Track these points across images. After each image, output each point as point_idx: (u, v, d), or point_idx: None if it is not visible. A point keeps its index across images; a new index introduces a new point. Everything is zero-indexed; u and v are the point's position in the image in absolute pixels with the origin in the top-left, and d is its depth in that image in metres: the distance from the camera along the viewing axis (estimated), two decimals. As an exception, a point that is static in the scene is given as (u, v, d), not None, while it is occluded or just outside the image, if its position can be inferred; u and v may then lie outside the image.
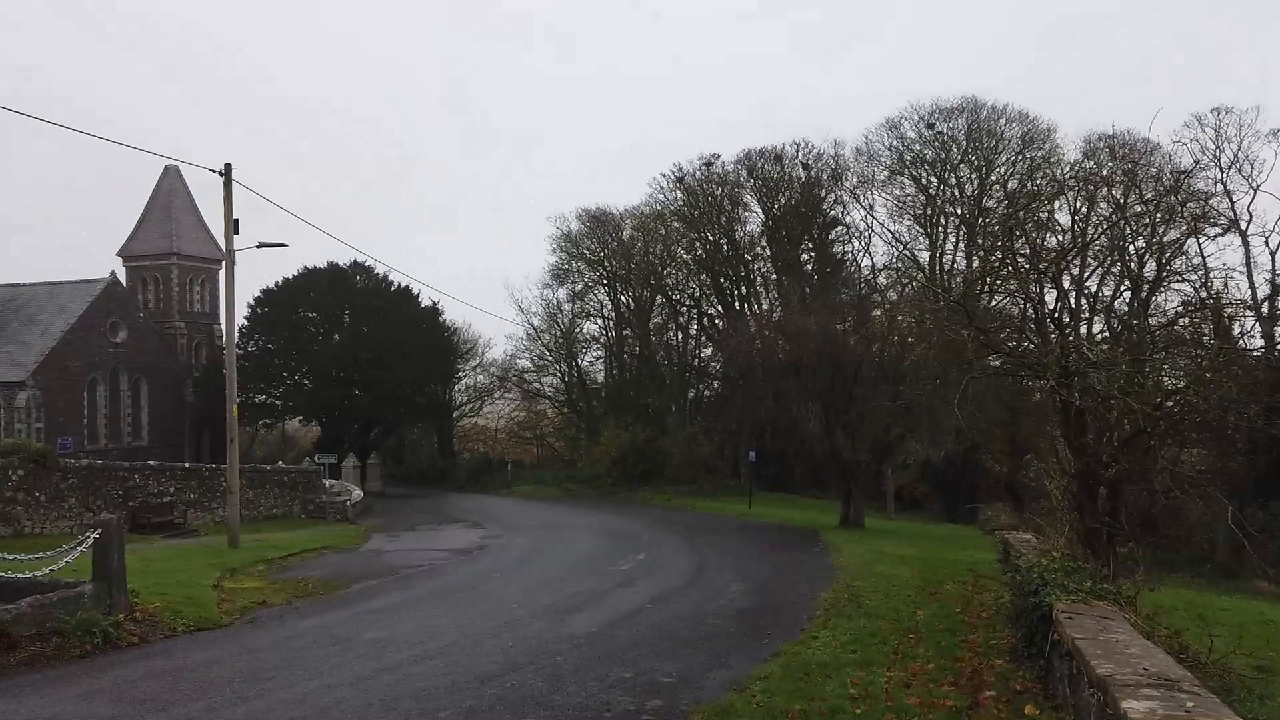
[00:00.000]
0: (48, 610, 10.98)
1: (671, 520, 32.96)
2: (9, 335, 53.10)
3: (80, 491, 28.47)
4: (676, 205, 54.73)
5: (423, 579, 18.35)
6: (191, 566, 18.37)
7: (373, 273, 59.02)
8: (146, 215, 62.63)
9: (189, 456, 55.90)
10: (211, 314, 64.02)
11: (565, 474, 55.45)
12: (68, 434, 49.57)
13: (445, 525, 33.11)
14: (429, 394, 61.06)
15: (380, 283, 59.09)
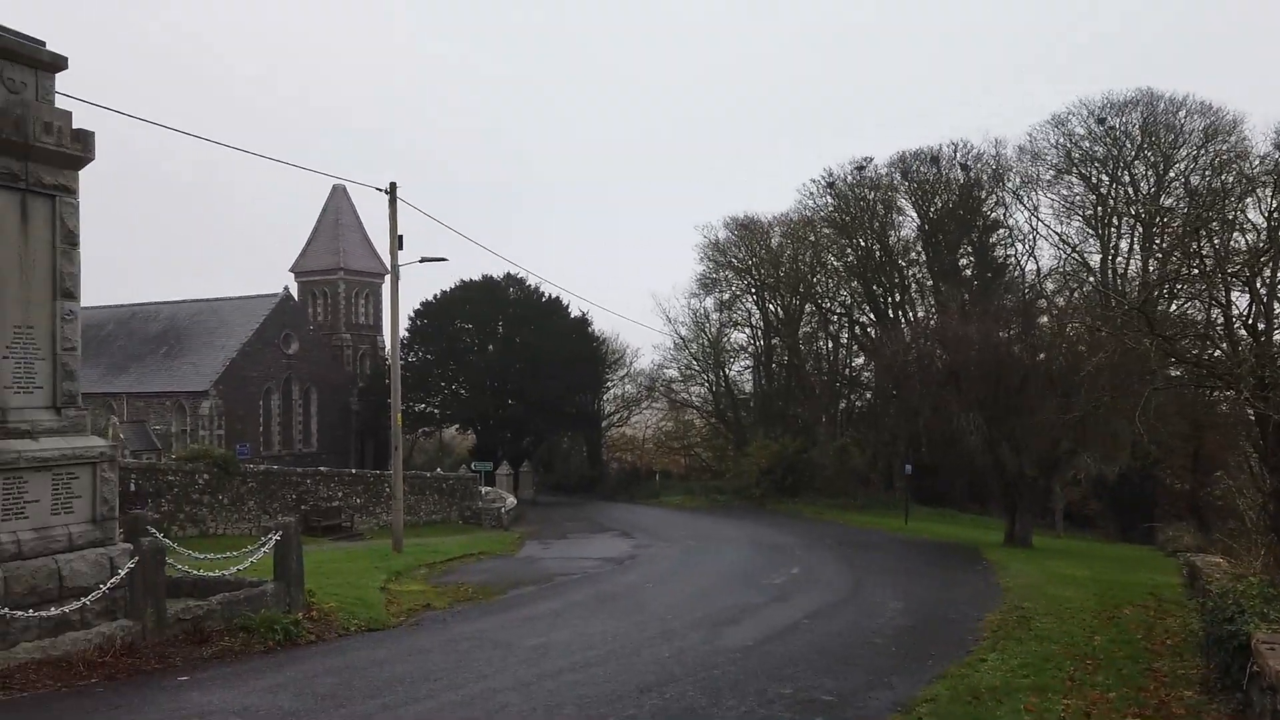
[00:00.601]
0: (235, 607, 11.79)
1: (823, 534, 32.46)
2: (194, 347, 57.33)
3: (258, 495, 30.43)
4: (827, 211, 53.97)
5: (577, 587, 18.71)
6: (359, 569, 19.33)
7: (524, 284, 60.78)
8: (316, 232, 66.49)
9: (354, 463, 58.84)
10: (375, 326, 67.32)
11: (713, 484, 55.43)
12: (245, 440, 53.08)
13: (596, 534, 33.63)
14: (578, 403, 62.32)
15: (532, 294, 60.76)
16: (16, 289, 10.47)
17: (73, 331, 11.12)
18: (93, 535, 11.02)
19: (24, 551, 10.21)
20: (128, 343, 59.37)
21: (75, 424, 11.08)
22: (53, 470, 10.60)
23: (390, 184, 25.36)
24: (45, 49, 10.89)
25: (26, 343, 10.59)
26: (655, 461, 66.96)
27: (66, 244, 11.00)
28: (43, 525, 10.49)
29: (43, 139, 10.57)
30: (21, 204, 10.55)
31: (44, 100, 10.85)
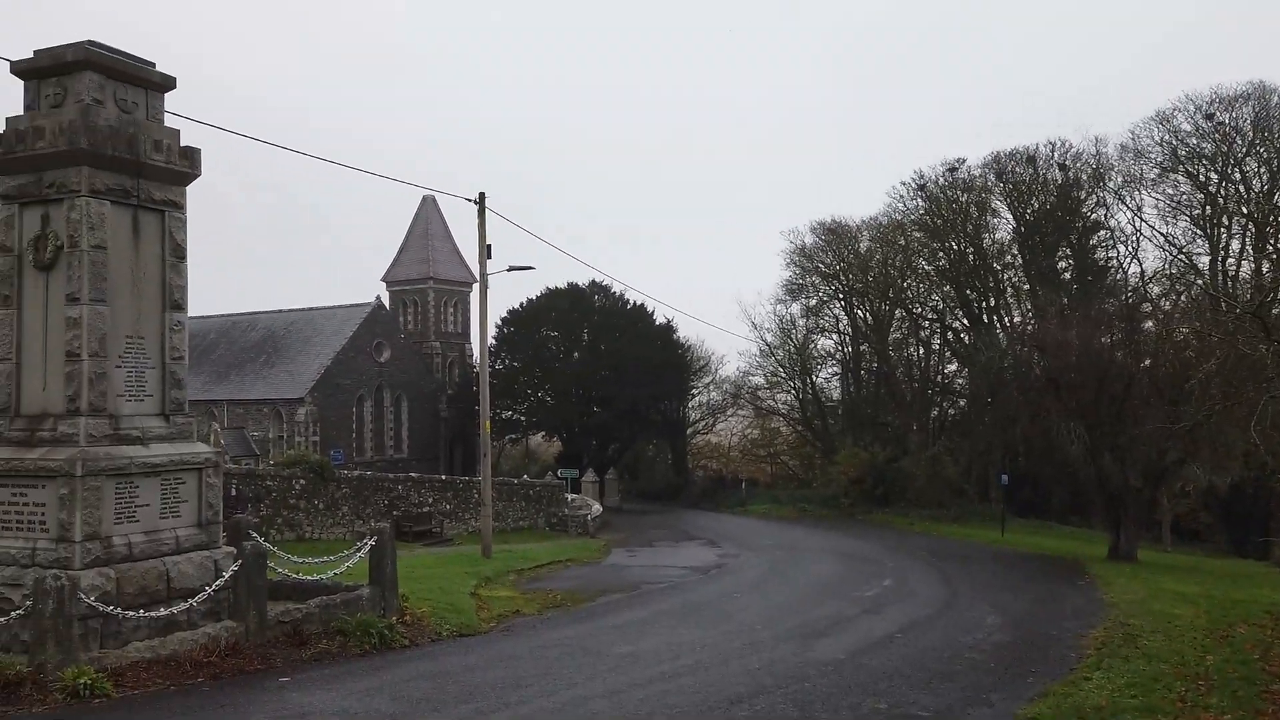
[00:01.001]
0: (332, 611, 12.13)
1: (915, 545, 31.84)
2: (290, 356, 59.20)
3: (352, 500, 31.25)
4: (917, 214, 52.99)
5: (664, 595, 18.73)
6: (450, 574, 19.68)
7: (610, 292, 61.15)
8: (406, 243, 68.06)
9: (443, 469, 59.96)
10: (463, 334, 68.56)
11: (800, 494, 54.84)
12: (339, 446, 54.57)
13: (682, 543, 33.59)
14: (663, 410, 62.36)
15: (617, 301, 61.09)
16: (128, 301, 10.98)
17: (180, 341, 11.60)
18: (198, 538, 11.47)
19: (135, 554, 10.68)
20: (228, 351, 61.64)
21: (182, 431, 11.56)
22: (161, 475, 11.07)
23: (479, 194, 25.83)
24: (155, 70, 11.41)
25: (137, 352, 11.09)
26: (741, 470, 66.59)
27: (175, 257, 11.50)
28: (152, 528, 10.96)
29: (153, 156, 11.07)
30: (133, 219, 11.06)
31: (154, 119, 11.37)
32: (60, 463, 10.19)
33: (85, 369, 10.46)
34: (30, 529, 10.36)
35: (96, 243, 10.54)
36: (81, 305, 10.45)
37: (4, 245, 10.87)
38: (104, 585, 10.10)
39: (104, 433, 10.56)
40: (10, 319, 10.83)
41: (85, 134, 10.35)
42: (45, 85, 10.84)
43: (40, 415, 10.68)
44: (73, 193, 10.49)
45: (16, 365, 10.83)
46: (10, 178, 10.83)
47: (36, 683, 9.02)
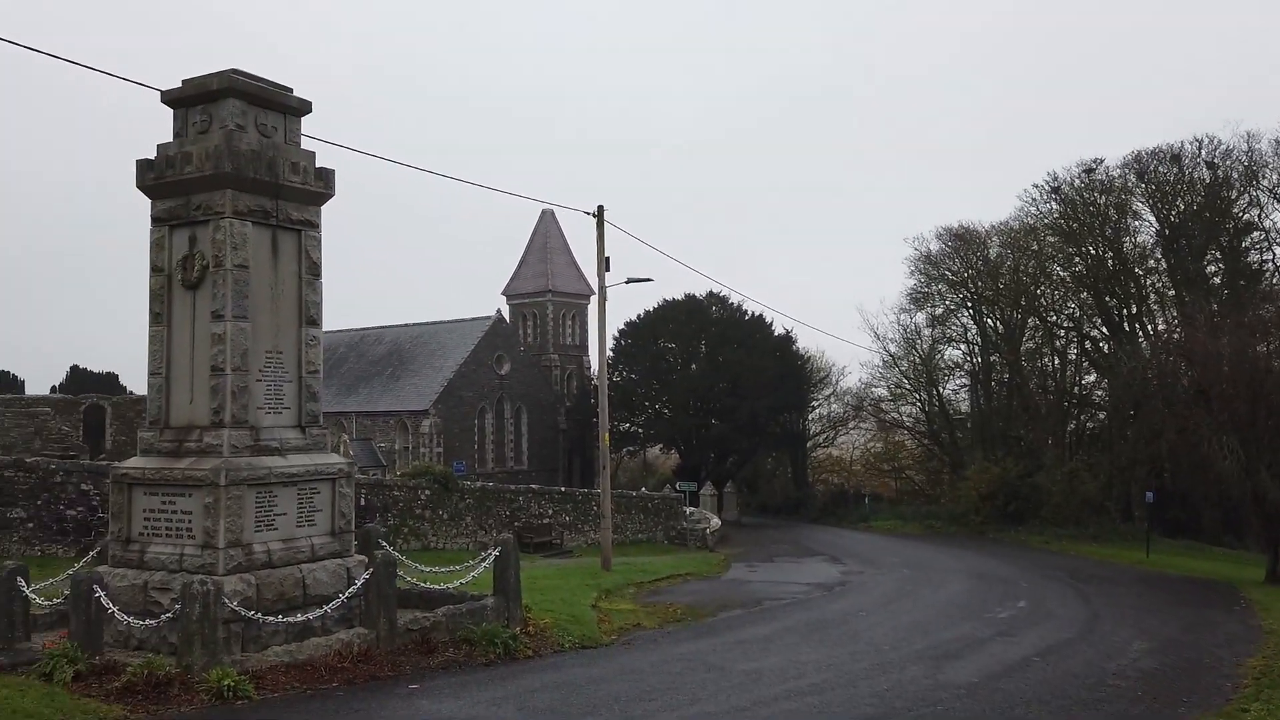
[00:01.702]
0: (458, 620, 12.43)
1: (1052, 565, 30.60)
2: (415, 369, 61.12)
3: (475, 511, 31.99)
4: (1051, 218, 51.07)
5: (787, 612, 18.51)
6: (571, 586, 19.91)
7: (727, 302, 61.02)
8: (526, 257, 69.53)
9: (562, 481, 60.81)
10: (581, 346, 69.53)
11: (927, 510, 53.42)
12: (461, 458, 55.97)
13: (804, 558, 33.16)
14: (782, 423, 61.80)
15: (735, 312, 60.91)
16: (267, 317, 11.55)
17: (316, 355, 12.14)
18: (332, 547, 11.94)
19: (273, 560, 11.20)
20: (357, 365, 64.09)
21: (317, 442, 12.07)
22: (298, 485, 11.59)
23: (598, 207, 26.16)
24: (292, 95, 12.00)
25: (276, 367, 11.64)
26: (864, 484, 65.31)
27: (310, 274, 12.04)
28: (289, 537, 11.47)
29: (290, 178, 11.64)
30: (272, 239, 11.64)
31: (291, 142, 11.95)
32: (205, 472, 10.77)
33: (228, 383, 11.04)
34: (178, 535, 10.98)
35: (239, 262, 11.13)
36: (225, 322, 11.04)
37: (155, 266, 11.58)
38: (245, 591, 10.61)
39: (245, 444, 11.12)
40: (161, 335, 11.52)
41: (229, 158, 10.96)
42: (192, 113, 11.53)
43: (187, 427, 11.32)
44: (217, 214, 11.12)
45: (166, 379, 11.52)
46: (161, 201, 11.55)
47: (184, 683, 9.53)
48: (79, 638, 10.05)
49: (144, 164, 11.59)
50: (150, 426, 11.61)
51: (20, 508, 21.61)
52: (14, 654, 10.41)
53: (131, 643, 10.74)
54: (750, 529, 50.75)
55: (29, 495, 21.78)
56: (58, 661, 9.63)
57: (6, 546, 21.08)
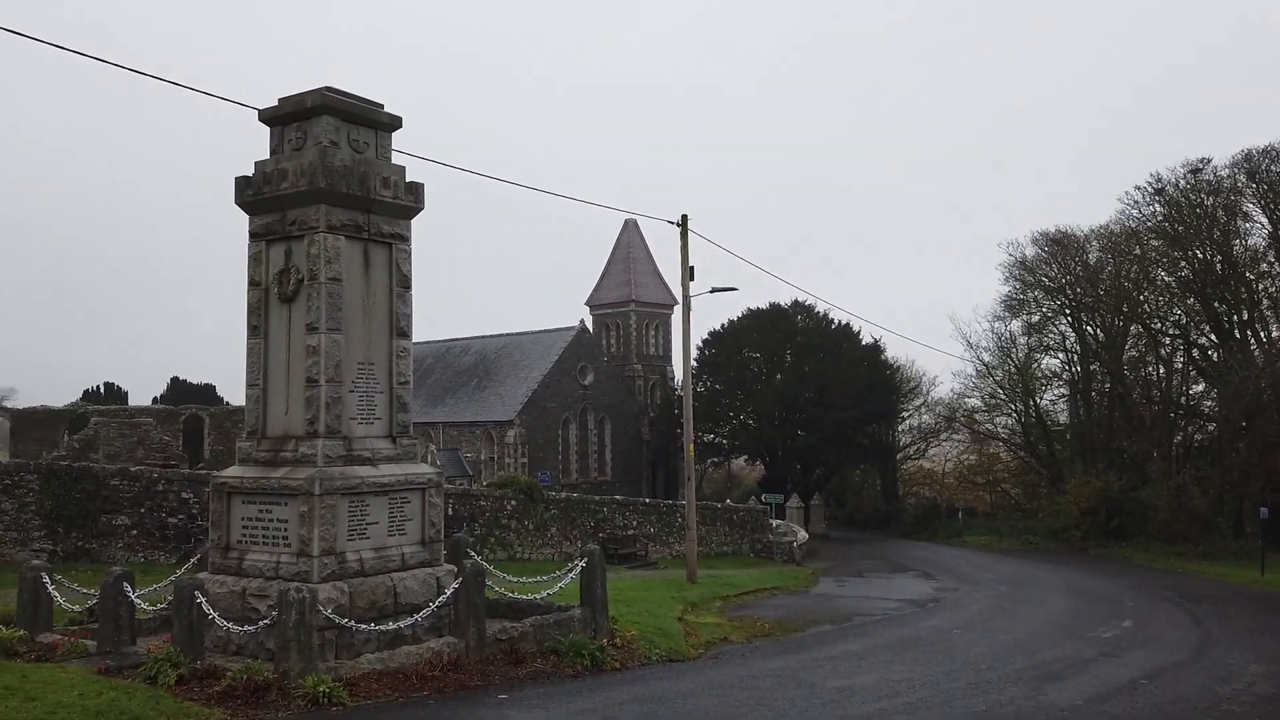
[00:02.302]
0: (545, 630, 12.55)
1: (1158, 584, 29.50)
2: (500, 379, 62.00)
3: (560, 522, 32.25)
4: (1155, 220, 49.30)
5: (878, 628, 18.23)
6: (656, 598, 19.93)
7: (813, 311, 60.44)
8: (609, 267, 70.01)
9: (645, 491, 60.92)
10: (664, 356, 69.62)
11: (1024, 524, 52.03)
12: (545, 468, 56.53)
13: (894, 573, 32.62)
14: (871, 434, 60.89)
15: (821, 321, 60.29)
16: (360, 329, 11.85)
17: (406, 367, 12.41)
18: (422, 556, 12.17)
19: (365, 569, 11.46)
20: (443, 376, 65.31)
21: (407, 452, 12.33)
22: (389, 495, 11.84)
23: (681, 216, 26.21)
24: (384, 111, 12.32)
25: (368, 378, 11.94)
26: (956, 497, 63.88)
27: (401, 287, 12.33)
28: (380, 545, 11.72)
29: (381, 193, 11.94)
30: (364, 252, 11.96)
31: (382, 158, 12.27)
32: (301, 481, 11.09)
33: (322, 394, 11.35)
34: (274, 543, 11.32)
35: (333, 275, 11.46)
36: (319, 334, 11.37)
37: (253, 280, 11.99)
38: (339, 599, 10.88)
39: (339, 454, 11.42)
40: (258, 348, 11.92)
41: (323, 174, 11.30)
42: (288, 130, 11.93)
43: (283, 437, 11.67)
44: (312, 229, 11.46)
45: (263, 390, 11.90)
46: (258, 217, 11.96)
47: (281, 688, 9.81)
48: (181, 642, 10.43)
49: (242, 181, 12.02)
50: (248, 436, 12.01)
51: (125, 515, 22.55)
52: (121, 657, 10.86)
53: (230, 648, 11.10)
54: (838, 543, 50.12)
55: (133, 503, 22.72)
56: (162, 665, 10.01)
57: (112, 553, 22.02)
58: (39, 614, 12.02)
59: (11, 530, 21.07)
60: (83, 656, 10.93)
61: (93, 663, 10.60)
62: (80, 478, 22.26)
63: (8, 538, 21.01)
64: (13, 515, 21.12)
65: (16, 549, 20.84)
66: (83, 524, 21.91)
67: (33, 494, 21.39)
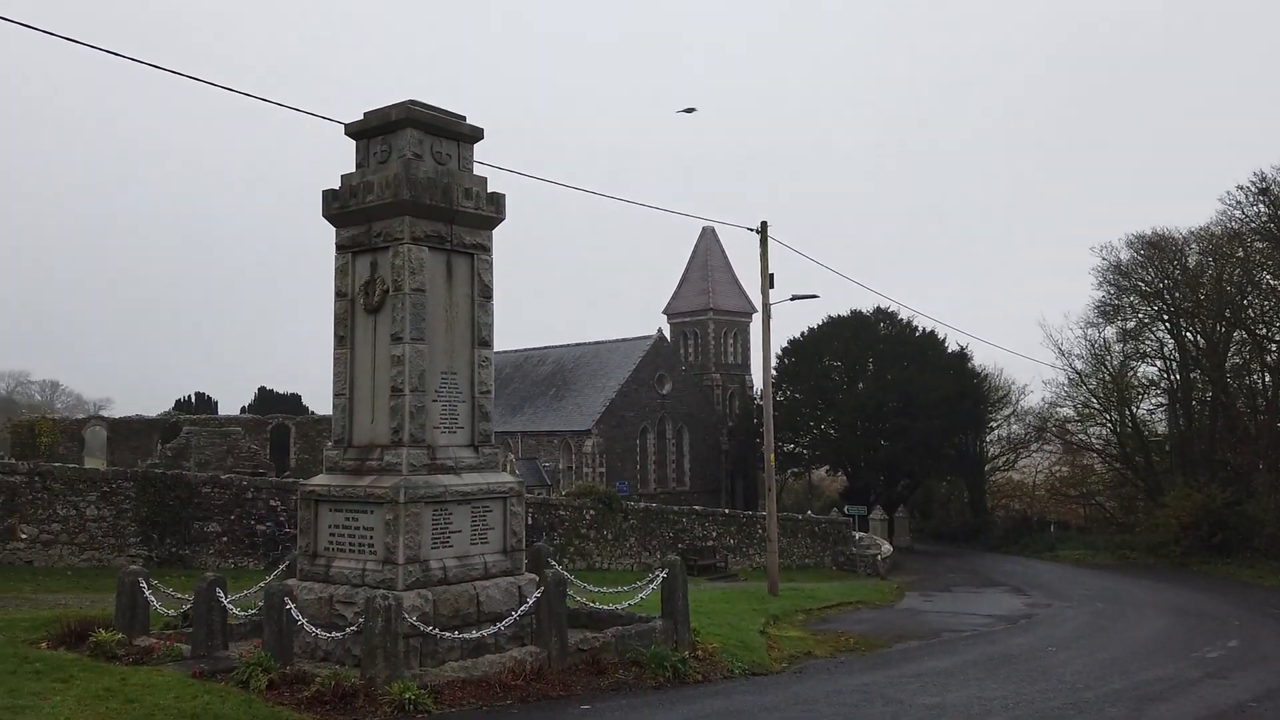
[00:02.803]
0: (627, 641, 12.56)
1: (1267, 601, 28.32)
2: (579, 388, 62.44)
3: (638, 532, 32.31)
4: (1259, 221, 47.40)
5: (967, 645, 17.84)
6: (738, 610, 19.81)
7: (896, 318, 59.60)
8: (686, 275, 70.06)
9: (724, 502, 60.68)
10: (743, 365, 69.34)
11: (1120, 539, 50.43)
12: (623, 477, 56.72)
13: (983, 588, 31.94)
14: (957, 445, 59.73)
15: (904, 329, 59.43)
16: (442, 339, 12.06)
17: (487, 376, 12.57)
18: (503, 565, 12.30)
19: (448, 577, 11.62)
20: (521, 385, 66.04)
21: (489, 461, 12.48)
22: (472, 503, 12.00)
23: (761, 223, 26.10)
24: (465, 123, 12.53)
25: (450, 387, 12.13)
26: (1048, 510, 62.19)
27: (482, 297, 12.50)
28: (463, 554, 11.88)
29: (463, 204, 12.14)
30: (447, 263, 12.16)
31: (464, 169, 12.48)
32: (386, 490, 11.31)
33: (406, 403, 11.57)
34: (360, 551, 11.56)
35: (416, 286, 11.68)
36: (404, 344, 11.60)
37: (339, 291, 12.29)
38: (423, 606, 11.05)
39: (422, 462, 11.62)
40: (344, 358, 12.21)
41: (407, 186, 11.54)
42: (373, 144, 12.22)
43: (368, 446, 11.92)
44: (396, 240, 11.71)
45: (349, 400, 12.18)
46: (345, 230, 12.27)
47: (367, 695, 10.00)
48: (271, 647, 10.71)
49: (329, 194, 12.34)
50: (334, 445, 12.29)
51: (215, 522, 23.28)
52: (214, 661, 11.20)
53: (318, 654, 11.35)
54: (924, 556, 49.24)
55: (223, 510, 23.44)
56: (253, 670, 10.29)
57: (204, 559, 22.75)
58: (136, 618, 12.46)
59: (110, 536, 21.92)
60: (178, 660, 11.30)
61: (187, 666, 10.95)
62: (174, 485, 23.05)
63: (106, 543, 21.85)
64: (111, 521, 21.96)
65: (114, 554, 21.66)
66: (176, 530, 22.67)
67: (129, 501, 22.21)
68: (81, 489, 21.85)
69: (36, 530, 21.22)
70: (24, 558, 20.95)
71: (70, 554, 21.42)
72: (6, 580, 18.72)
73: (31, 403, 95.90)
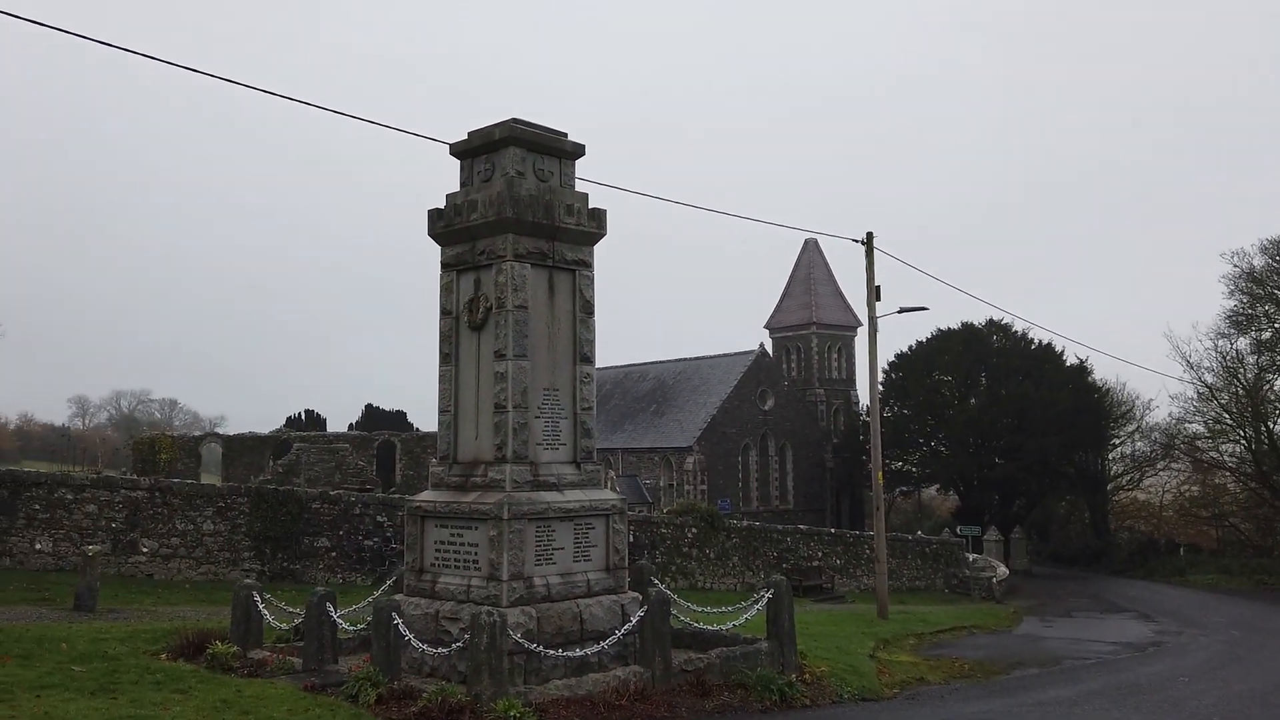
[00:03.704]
0: (732, 663, 12.46)
1: None
2: (678, 405, 62.47)
3: (741, 551, 32.09)
4: None
5: (1091, 673, 17.17)
6: (845, 633, 19.50)
7: (1010, 330, 58.06)
8: (789, 289, 69.55)
9: (829, 521, 59.84)
10: (847, 380, 68.37)
11: (1256, 563, 48.04)
12: (725, 495, 56.45)
13: (1107, 614, 30.75)
14: (1077, 463, 57.73)
15: (1019, 341, 57.82)
16: (544, 355, 12.21)
17: (589, 392, 12.67)
18: (606, 583, 12.35)
19: (552, 594, 11.72)
20: (621, 402, 66.40)
21: (591, 478, 12.57)
22: (574, 520, 12.10)
23: (866, 234, 25.77)
24: (567, 139, 12.71)
25: (553, 404, 12.27)
26: (1177, 532, 59.55)
27: (584, 313, 12.63)
28: (566, 571, 11.97)
29: (565, 220, 12.30)
30: (549, 279, 12.33)
31: (566, 185, 12.65)
32: (490, 506, 11.49)
33: (510, 419, 11.75)
34: (465, 567, 11.76)
35: (519, 303, 11.87)
36: (507, 361, 11.79)
37: (444, 309, 12.58)
38: (527, 623, 11.17)
39: (525, 479, 11.77)
40: (449, 375, 12.47)
41: (510, 204, 11.75)
42: (476, 162, 12.50)
43: (473, 462, 12.14)
44: (500, 258, 11.93)
45: (454, 417, 12.43)
46: (449, 248, 12.56)
47: (473, 712, 10.13)
48: (379, 662, 10.96)
49: (434, 213, 12.66)
50: (440, 461, 12.56)
51: (325, 537, 24.01)
52: (324, 675, 11.52)
53: (424, 669, 11.58)
54: (1042, 579, 47.67)
55: (332, 526, 24.16)
56: (362, 684, 10.55)
57: (313, 574, 23.47)
58: (250, 631, 12.91)
59: (225, 550, 22.81)
60: (289, 673, 11.66)
61: (299, 680, 11.29)
62: (285, 501, 23.86)
63: (221, 557, 22.75)
64: (226, 536, 22.86)
65: (229, 568, 22.54)
66: (287, 545, 23.46)
67: (243, 516, 23.09)
68: (199, 504, 22.81)
69: (157, 544, 22.22)
70: (145, 571, 21.96)
71: (188, 568, 22.36)
72: (129, 593, 19.63)
73: (152, 420, 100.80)
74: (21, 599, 17.54)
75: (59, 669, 11.07)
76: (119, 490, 22.24)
